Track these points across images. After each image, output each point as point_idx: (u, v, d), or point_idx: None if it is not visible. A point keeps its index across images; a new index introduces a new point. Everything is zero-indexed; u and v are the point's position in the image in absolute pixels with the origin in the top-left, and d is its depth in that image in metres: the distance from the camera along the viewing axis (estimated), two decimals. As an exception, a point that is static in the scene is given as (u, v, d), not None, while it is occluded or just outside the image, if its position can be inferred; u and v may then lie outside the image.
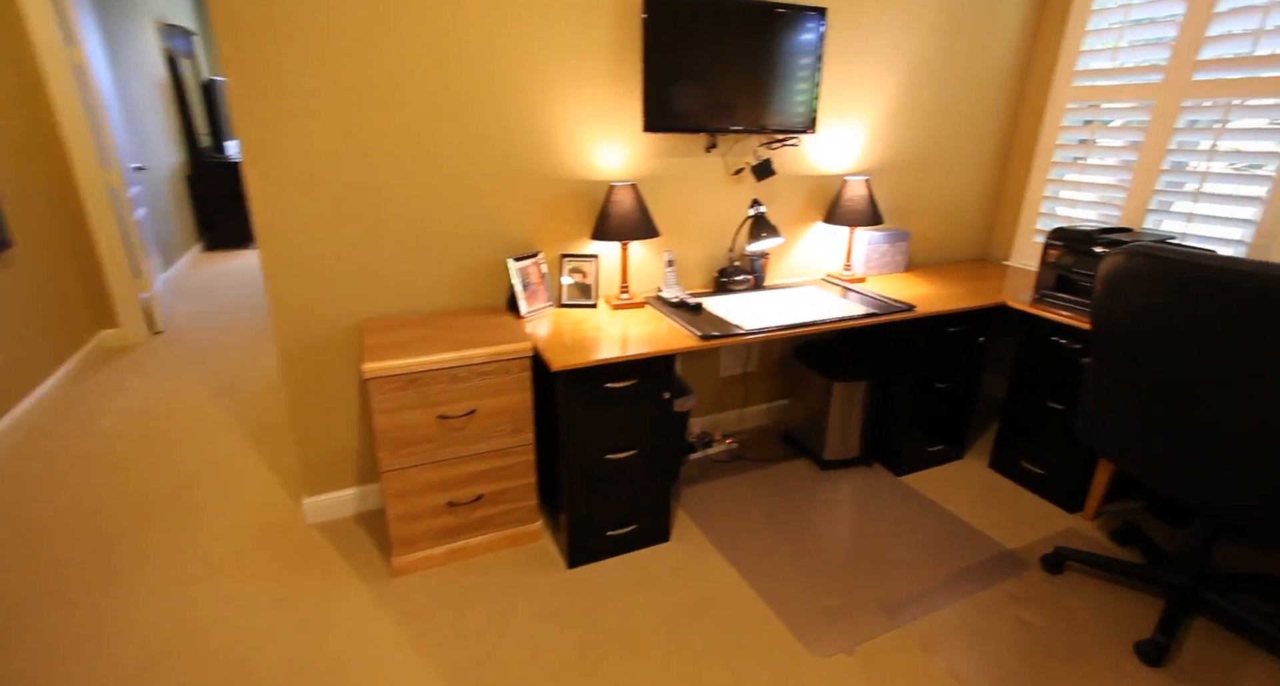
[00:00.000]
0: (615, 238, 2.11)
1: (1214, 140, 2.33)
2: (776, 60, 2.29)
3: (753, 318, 2.13)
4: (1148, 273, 1.56)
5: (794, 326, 2.07)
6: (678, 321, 2.09)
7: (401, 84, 1.92)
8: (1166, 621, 1.77)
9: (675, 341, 1.93)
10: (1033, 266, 3.01)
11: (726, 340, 1.96)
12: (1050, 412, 2.36)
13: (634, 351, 1.85)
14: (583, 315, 2.18)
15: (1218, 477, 1.57)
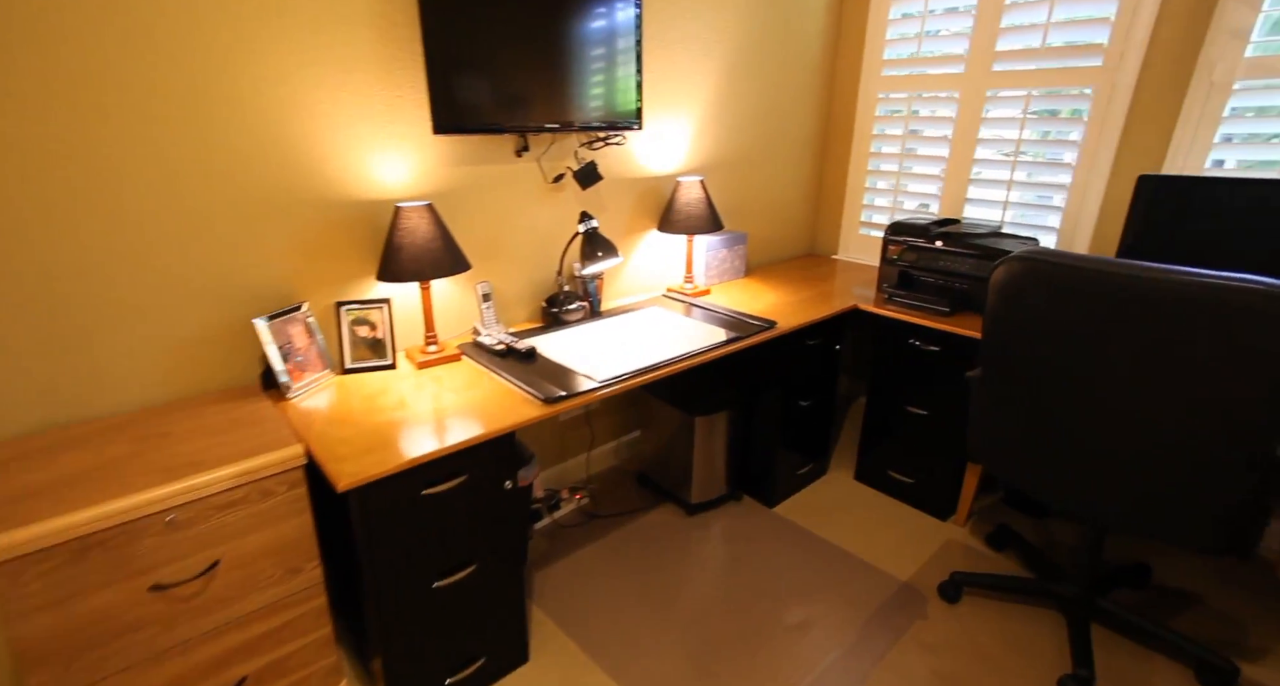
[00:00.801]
0: (411, 277, 1.50)
1: (1019, 130, 2.30)
2: (593, 42, 1.82)
3: (600, 359, 1.66)
4: (1043, 279, 1.36)
5: (655, 367, 1.63)
6: (509, 378, 1.55)
7: (52, 69, 1.13)
8: (1079, 649, 1.64)
9: (511, 411, 1.39)
10: (862, 260, 2.90)
11: (577, 400, 1.46)
12: (913, 418, 2.21)
13: (458, 437, 1.29)
14: (378, 382, 1.55)
15: (1111, 486, 1.43)
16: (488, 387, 1.52)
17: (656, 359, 1.68)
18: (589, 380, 1.55)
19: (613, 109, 1.93)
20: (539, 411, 1.41)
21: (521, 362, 1.65)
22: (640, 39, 1.92)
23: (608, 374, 1.58)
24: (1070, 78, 2.18)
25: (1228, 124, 1.94)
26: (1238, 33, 1.88)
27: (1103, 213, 2.21)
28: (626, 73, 1.92)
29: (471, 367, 1.64)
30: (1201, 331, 1.19)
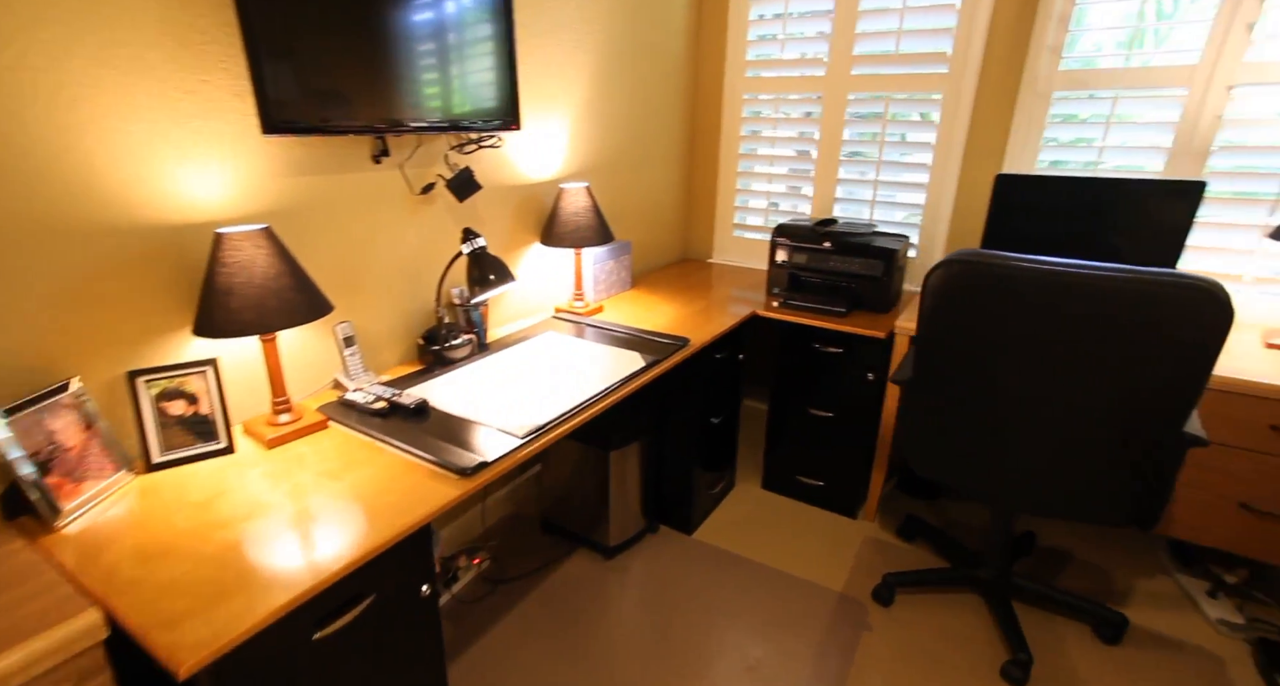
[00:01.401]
0: (249, 329, 1.06)
1: (881, 131, 2.35)
2: (462, 22, 1.47)
3: (509, 405, 1.35)
4: (982, 280, 1.31)
5: (581, 409, 1.36)
6: (401, 445, 1.18)
7: None
8: (1011, 634, 1.68)
9: (419, 494, 1.04)
10: (739, 263, 2.83)
11: (501, 466, 1.14)
12: (818, 420, 2.16)
13: (355, 545, 0.92)
14: (210, 478, 1.09)
15: (1040, 473, 1.45)
16: (377, 463, 1.13)
17: (578, 397, 1.40)
18: (508, 437, 1.23)
19: (487, 104, 1.60)
20: (457, 489, 1.07)
21: (411, 422, 1.28)
22: (512, 24, 1.60)
23: (526, 424, 1.27)
24: (922, 83, 2.25)
25: (1051, 128, 2.11)
26: (1054, 49, 2.04)
27: (956, 208, 2.33)
28: (501, 62, 1.60)
29: (345, 437, 1.23)
30: (1135, 325, 1.20)
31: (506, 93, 1.64)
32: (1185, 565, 2.02)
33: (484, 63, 1.56)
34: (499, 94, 1.62)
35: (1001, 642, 1.72)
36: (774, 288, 2.32)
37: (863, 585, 1.91)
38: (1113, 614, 1.73)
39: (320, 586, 0.87)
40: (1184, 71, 1.90)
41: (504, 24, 1.59)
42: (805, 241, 2.19)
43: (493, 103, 1.61)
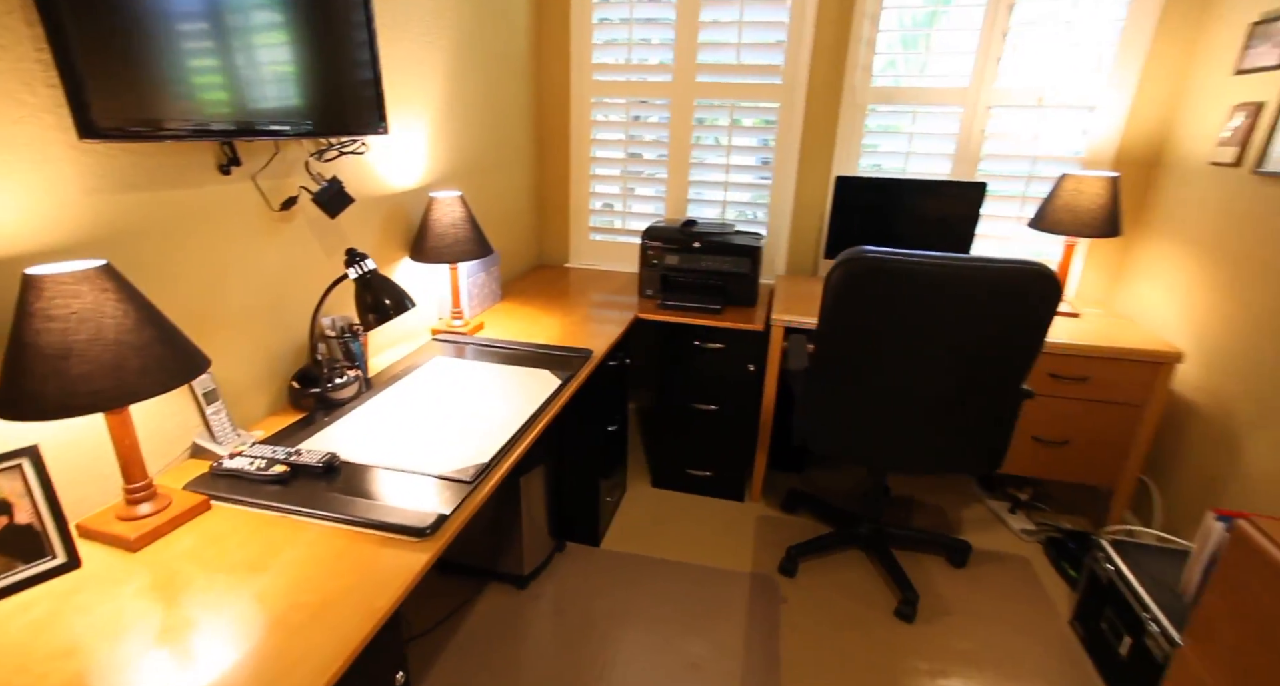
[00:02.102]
0: (107, 403, 0.79)
1: (728, 136, 2.48)
2: (317, 4, 1.23)
3: (427, 446, 1.19)
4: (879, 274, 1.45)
5: (520, 438, 1.25)
6: (324, 513, 0.98)
7: None
8: (898, 577, 1.90)
9: (379, 576, 0.87)
10: (598, 266, 2.81)
11: (463, 514, 1.00)
12: (704, 414, 2.23)
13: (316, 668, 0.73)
14: (48, 614, 0.79)
15: (920, 438, 1.66)
16: (302, 543, 0.92)
17: (510, 427, 1.27)
18: (453, 482, 1.07)
19: (354, 102, 1.36)
20: (422, 553, 0.91)
21: (323, 484, 1.05)
22: (371, 11, 1.38)
23: (468, 464, 1.12)
24: (761, 92, 2.41)
25: (868, 137, 2.40)
26: (865, 68, 2.32)
27: (796, 207, 2.54)
28: (365, 54, 1.37)
29: (240, 517, 0.98)
30: (994, 303, 1.41)
31: (372, 90, 1.42)
32: (989, 491, 2.45)
33: (347, 52, 1.33)
34: (365, 91, 1.39)
35: (890, 587, 1.94)
36: (646, 290, 2.34)
37: (767, 562, 2.02)
38: (959, 542, 2.05)
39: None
40: (959, 93, 2.27)
41: (363, 10, 1.37)
42: (676, 243, 2.23)
43: (359, 101, 1.38)
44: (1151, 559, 1.61)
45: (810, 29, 2.30)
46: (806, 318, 2.05)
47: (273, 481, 1.05)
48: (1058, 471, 2.08)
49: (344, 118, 1.34)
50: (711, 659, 1.65)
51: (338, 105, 1.32)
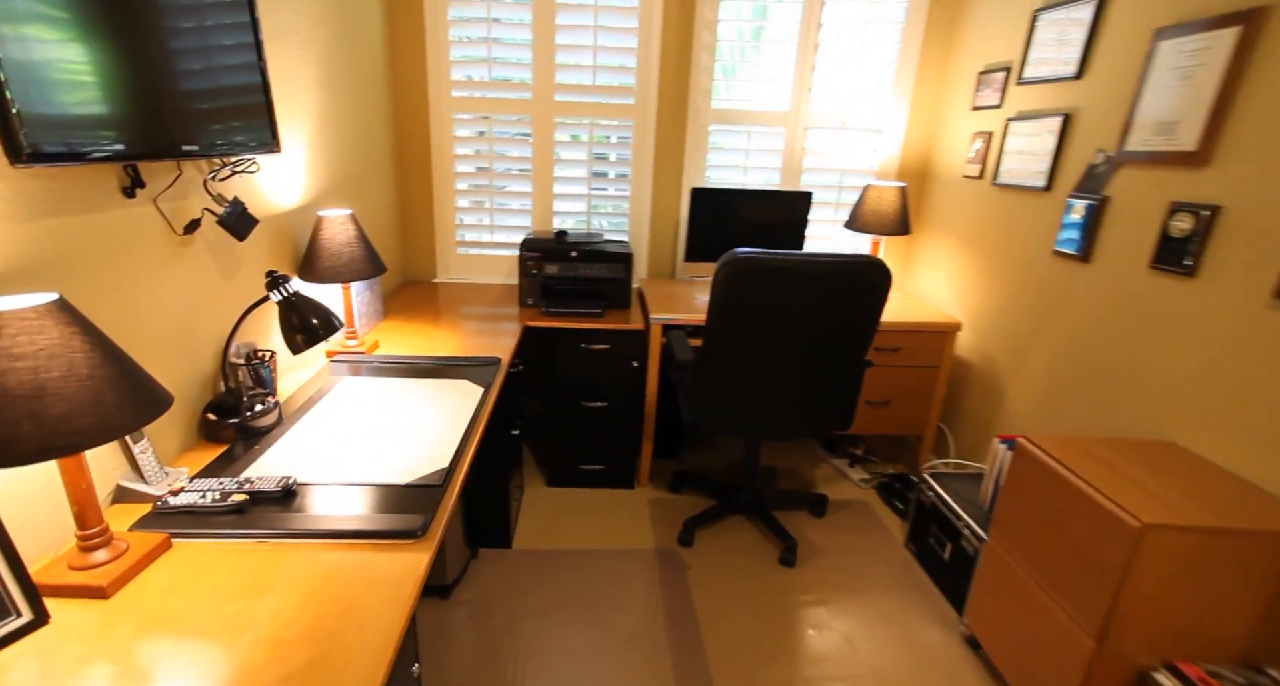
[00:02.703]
0: (91, 441, 0.77)
1: (588, 151, 2.68)
2: (211, 13, 1.21)
3: (377, 461, 1.24)
4: (755, 272, 1.74)
5: (466, 441, 1.33)
6: (305, 530, 1.00)
7: None
8: (778, 532, 2.23)
9: (387, 580, 0.93)
10: (469, 280, 2.86)
11: (444, 513, 1.08)
12: (593, 411, 2.41)
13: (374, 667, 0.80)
14: (28, 676, 0.76)
15: (791, 410, 2.00)
16: (292, 563, 0.94)
17: (456, 431, 1.34)
18: (420, 487, 1.14)
19: (250, 118, 1.34)
20: (422, 553, 0.98)
21: (284, 509, 1.06)
22: (258, 23, 1.36)
23: (429, 470, 1.19)
24: (616, 111, 2.65)
25: (712, 153, 2.75)
26: (705, 92, 2.67)
27: (653, 216, 2.82)
28: (254, 76, 1.35)
29: (210, 551, 0.96)
30: (846, 291, 1.77)
31: (264, 107, 1.39)
32: (831, 452, 2.93)
33: (239, 70, 1.30)
34: (257, 109, 1.37)
35: (772, 540, 2.27)
36: (527, 299, 2.45)
37: (666, 537, 2.26)
38: (818, 495, 2.45)
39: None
40: (782, 116, 2.70)
41: (248, 19, 1.34)
42: (554, 253, 2.38)
43: (255, 117, 1.35)
44: (957, 483, 2.10)
45: (656, 56, 2.57)
46: (680, 314, 2.32)
47: (231, 512, 1.03)
48: (883, 427, 2.58)
49: (242, 134, 1.31)
50: (639, 627, 1.83)
51: (237, 122, 1.28)
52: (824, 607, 1.96)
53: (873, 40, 2.61)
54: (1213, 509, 1.29)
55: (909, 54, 2.64)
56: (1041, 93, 2.10)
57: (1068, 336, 1.96)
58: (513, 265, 2.83)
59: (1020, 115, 2.19)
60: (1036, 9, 2.14)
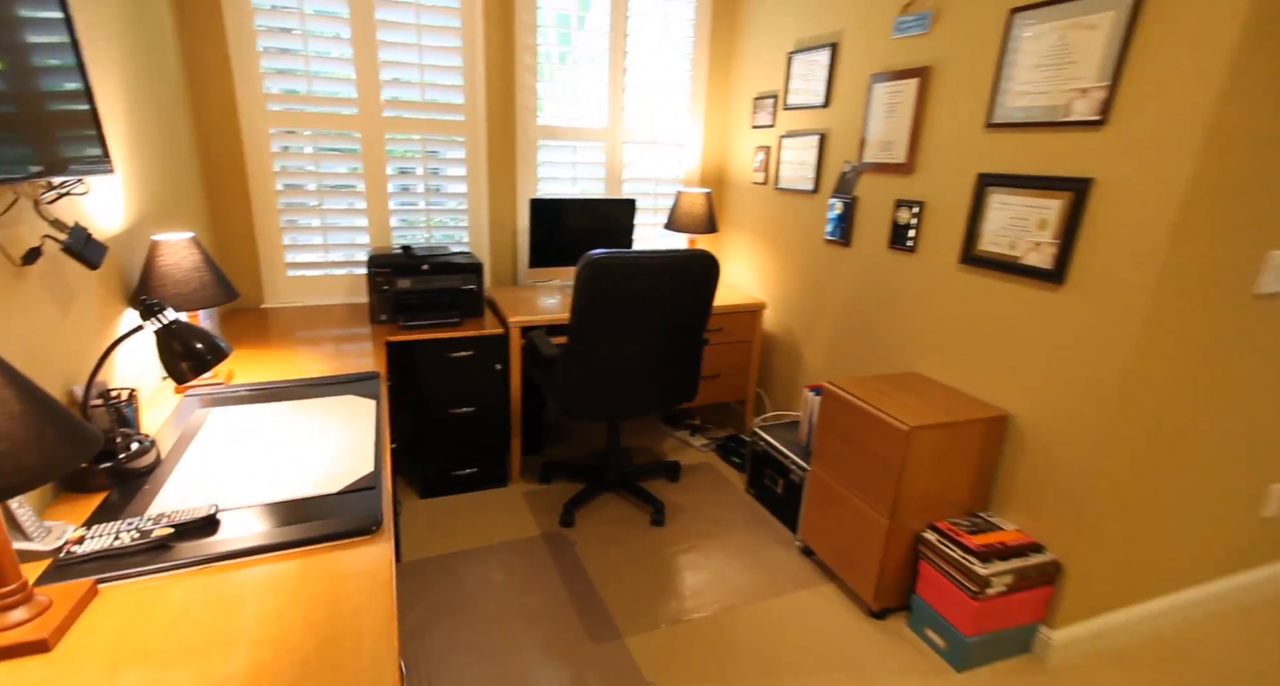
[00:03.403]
0: (4, 492, 0.73)
1: (422, 166, 2.70)
2: (29, 18, 1.11)
3: (290, 479, 1.24)
4: (612, 269, 1.96)
5: (380, 449, 1.37)
6: (247, 547, 0.99)
7: None
8: (645, 498, 2.48)
9: (357, 577, 0.96)
10: (301, 303, 2.68)
11: (388, 511, 1.14)
12: (462, 418, 2.46)
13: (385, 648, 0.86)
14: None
15: (649, 388, 2.27)
16: (252, 583, 0.92)
17: (365, 442, 1.36)
18: (358, 491, 1.17)
19: (81, 135, 1.22)
20: (382, 545, 1.04)
21: (211, 537, 1.03)
22: (76, 34, 1.25)
23: (353, 476, 1.21)
24: (447, 128, 2.70)
25: (542, 167, 2.93)
26: (531, 109, 2.84)
27: (492, 226, 2.91)
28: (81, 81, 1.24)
29: (147, 588, 0.92)
30: (686, 279, 2.07)
31: (92, 124, 1.27)
32: (673, 426, 3.28)
33: (62, 84, 1.19)
34: (86, 125, 1.25)
35: (641, 507, 2.52)
36: (380, 315, 2.41)
37: (549, 523, 2.39)
38: (671, 463, 2.76)
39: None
40: (601, 132, 2.96)
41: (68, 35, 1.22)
42: (405, 268, 2.37)
43: (85, 134, 1.23)
44: (780, 432, 2.53)
45: (481, 74, 2.67)
46: (537, 316, 2.46)
47: (158, 547, 0.98)
48: (714, 396, 2.97)
49: (74, 152, 1.19)
50: (545, 602, 1.95)
51: (69, 137, 1.17)
52: (694, 552, 2.25)
53: (670, 68, 2.98)
54: (945, 411, 1.80)
55: (699, 81, 3.06)
56: (803, 116, 2.62)
57: (841, 304, 2.48)
58: (353, 284, 2.72)
59: (789, 133, 2.69)
60: (790, 52, 2.65)
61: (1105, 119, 1.52)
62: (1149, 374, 1.55)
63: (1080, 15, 1.54)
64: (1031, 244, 1.70)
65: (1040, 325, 1.71)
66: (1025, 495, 1.80)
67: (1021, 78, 1.69)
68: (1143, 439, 1.62)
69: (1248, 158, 1.44)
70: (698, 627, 1.87)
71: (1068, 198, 1.60)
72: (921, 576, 1.84)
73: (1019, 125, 1.72)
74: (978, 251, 1.87)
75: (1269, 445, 1.86)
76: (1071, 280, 1.63)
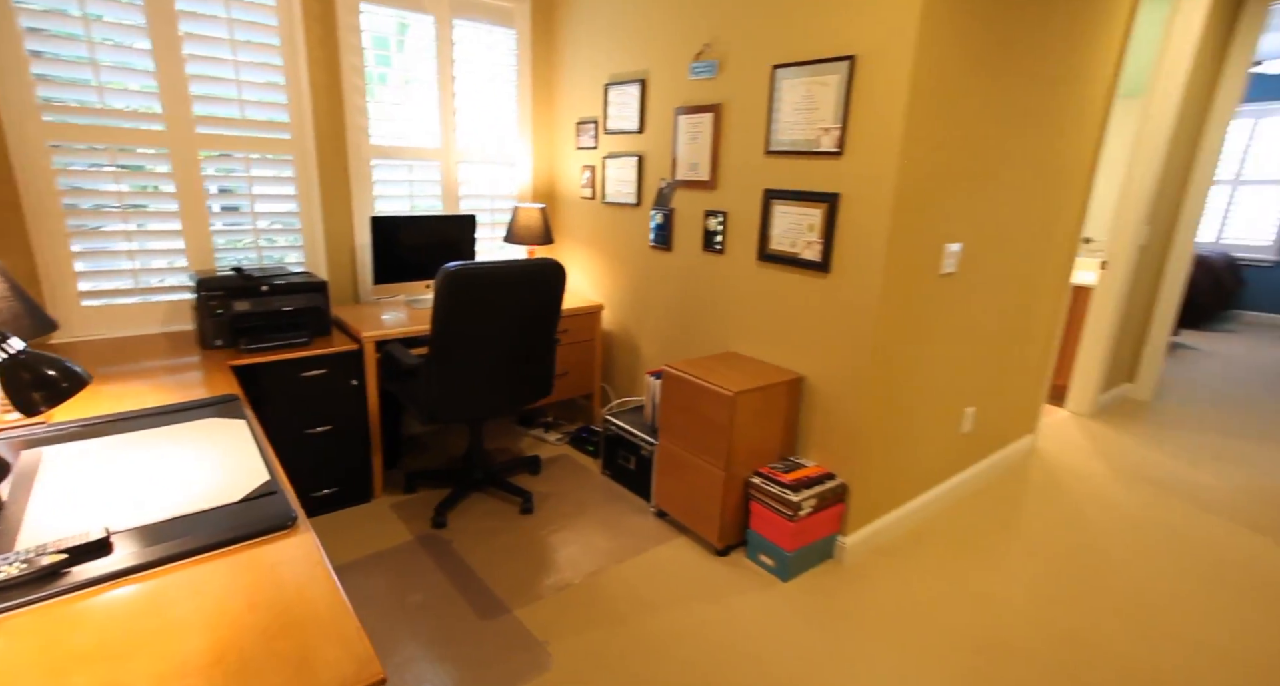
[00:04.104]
0: None
1: (249, 185, 2.56)
2: None
3: (175, 498, 1.23)
4: (469, 278, 2.09)
5: (268, 465, 1.38)
6: (181, 553, 0.97)
7: None
8: (512, 490, 2.61)
9: (291, 572, 0.99)
10: (104, 335, 2.37)
11: (296, 509, 1.19)
12: (319, 437, 2.40)
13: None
14: None
15: (508, 389, 2.43)
16: (174, 590, 0.91)
17: (247, 459, 1.36)
18: (260, 497, 1.20)
19: None
20: (304, 535, 1.10)
21: (106, 559, 1.02)
22: None
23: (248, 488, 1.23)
24: (273, 146, 2.58)
25: (379, 186, 2.92)
26: (362, 129, 2.82)
27: (329, 245, 2.83)
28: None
29: (49, 615, 0.89)
30: (538, 286, 2.26)
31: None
32: (528, 425, 3.43)
33: None
34: None
35: (510, 500, 2.64)
36: (215, 340, 2.26)
37: (421, 527, 2.42)
38: (532, 458, 2.92)
39: None
40: (436, 151, 3.03)
41: None
42: (242, 290, 2.25)
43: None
44: (627, 416, 2.82)
45: (307, 93, 2.60)
46: (388, 330, 2.47)
47: (51, 575, 0.94)
48: (565, 393, 3.18)
49: None
50: (431, 596, 2.01)
51: None
52: (564, 531, 2.44)
53: (497, 93, 3.14)
54: (758, 378, 2.21)
55: (525, 105, 3.25)
56: (622, 140, 2.94)
57: (667, 300, 2.85)
58: (171, 311, 2.47)
59: (612, 154, 3.00)
60: (606, 83, 2.96)
61: (842, 150, 2.03)
62: (883, 336, 2.09)
63: (818, 75, 2.03)
64: (806, 243, 2.18)
65: (817, 305, 2.20)
66: (819, 437, 2.28)
67: (786, 117, 2.16)
68: (885, 384, 2.17)
69: (924, 182, 2.02)
70: (577, 590, 2.07)
71: (825, 208, 2.09)
72: (753, 514, 2.23)
73: (788, 152, 2.19)
74: (770, 250, 2.32)
75: (959, 380, 2.56)
76: (834, 269, 2.13)
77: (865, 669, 1.77)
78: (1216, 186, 6.42)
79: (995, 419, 2.84)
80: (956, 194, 2.16)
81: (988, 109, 2.15)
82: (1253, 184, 6.30)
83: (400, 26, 2.79)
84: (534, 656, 1.78)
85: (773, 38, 2.17)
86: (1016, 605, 2.07)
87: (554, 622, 1.91)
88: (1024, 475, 2.98)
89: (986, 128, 2.18)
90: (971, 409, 2.65)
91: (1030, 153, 2.44)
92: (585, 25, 3.01)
